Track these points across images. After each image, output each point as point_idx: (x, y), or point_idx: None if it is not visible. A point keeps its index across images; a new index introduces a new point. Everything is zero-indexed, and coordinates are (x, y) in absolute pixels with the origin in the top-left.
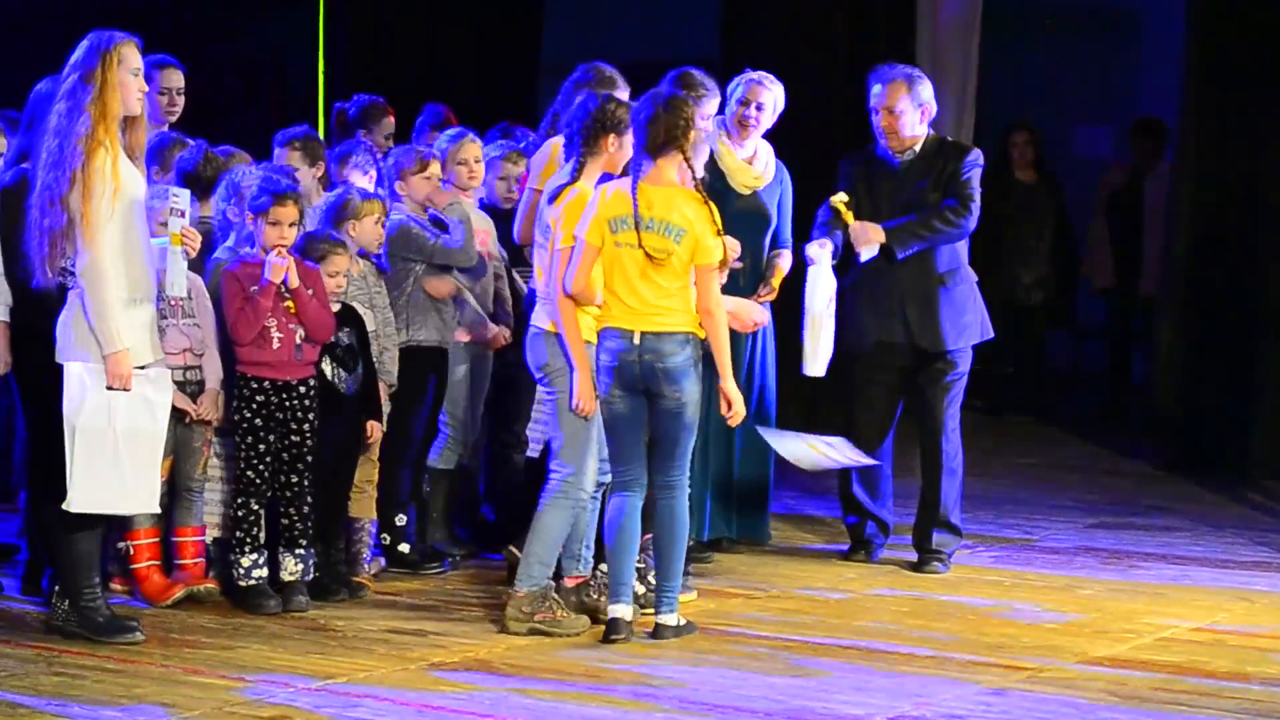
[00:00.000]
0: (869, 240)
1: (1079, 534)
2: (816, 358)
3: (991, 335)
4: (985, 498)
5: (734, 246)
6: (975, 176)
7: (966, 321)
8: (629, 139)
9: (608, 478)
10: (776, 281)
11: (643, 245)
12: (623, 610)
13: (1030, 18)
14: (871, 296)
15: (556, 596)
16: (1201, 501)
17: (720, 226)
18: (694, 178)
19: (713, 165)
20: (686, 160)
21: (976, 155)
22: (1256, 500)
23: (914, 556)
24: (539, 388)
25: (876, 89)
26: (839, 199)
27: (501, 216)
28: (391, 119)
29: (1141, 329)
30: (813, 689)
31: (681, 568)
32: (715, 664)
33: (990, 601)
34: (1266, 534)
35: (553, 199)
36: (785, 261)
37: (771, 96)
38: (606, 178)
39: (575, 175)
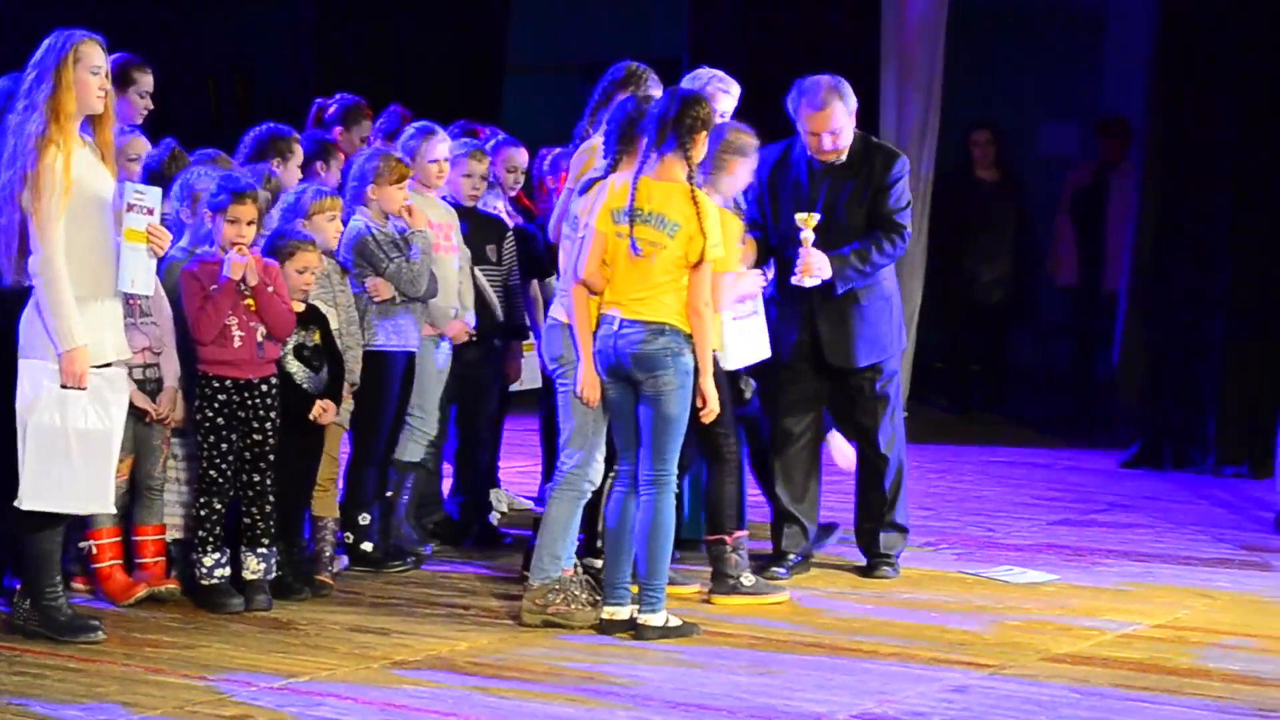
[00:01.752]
0: (819, 270)
1: (1042, 531)
2: (726, 352)
3: (905, 344)
4: (948, 495)
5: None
6: (904, 187)
7: (880, 334)
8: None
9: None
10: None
11: (632, 236)
12: (613, 611)
13: (995, 16)
14: (789, 309)
15: (571, 589)
16: (1164, 498)
17: (717, 228)
18: (691, 176)
19: None
20: (689, 160)
21: (904, 164)
22: (1219, 497)
23: (862, 560)
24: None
25: (815, 114)
26: (807, 219)
27: (464, 214)
28: (369, 122)
29: (1105, 326)
30: (776, 687)
31: (666, 567)
32: (678, 662)
33: (953, 599)
34: (1228, 530)
35: (583, 191)
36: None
37: (733, 101)
38: None
39: (609, 171)
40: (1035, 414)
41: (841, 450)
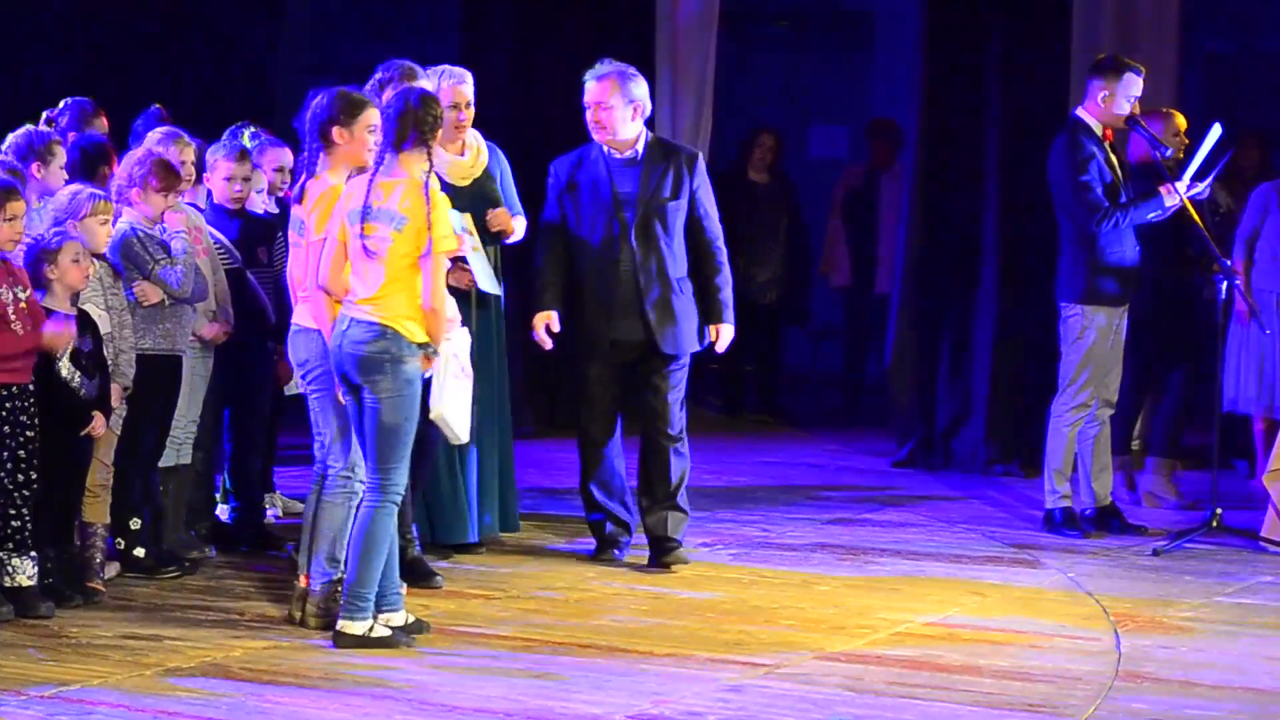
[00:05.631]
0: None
1: (816, 530)
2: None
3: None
4: (723, 496)
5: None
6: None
7: (694, 325)
8: (361, 127)
9: None
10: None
11: (363, 235)
12: (388, 618)
13: (766, 18)
14: (609, 297)
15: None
16: (935, 497)
17: (446, 221)
18: (430, 172)
19: None
20: (430, 156)
21: (702, 158)
22: (989, 495)
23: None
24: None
25: (591, 85)
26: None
27: (233, 216)
28: (104, 120)
29: (877, 327)
30: (553, 689)
31: (376, 577)
32: (455, 666)
33: (728, 599)
34: (998, 528)
35: (298, 199)
36: (519, 224)
37: (471, 88)
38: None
39: (314, 170)
40: (808, 414)
41: None
